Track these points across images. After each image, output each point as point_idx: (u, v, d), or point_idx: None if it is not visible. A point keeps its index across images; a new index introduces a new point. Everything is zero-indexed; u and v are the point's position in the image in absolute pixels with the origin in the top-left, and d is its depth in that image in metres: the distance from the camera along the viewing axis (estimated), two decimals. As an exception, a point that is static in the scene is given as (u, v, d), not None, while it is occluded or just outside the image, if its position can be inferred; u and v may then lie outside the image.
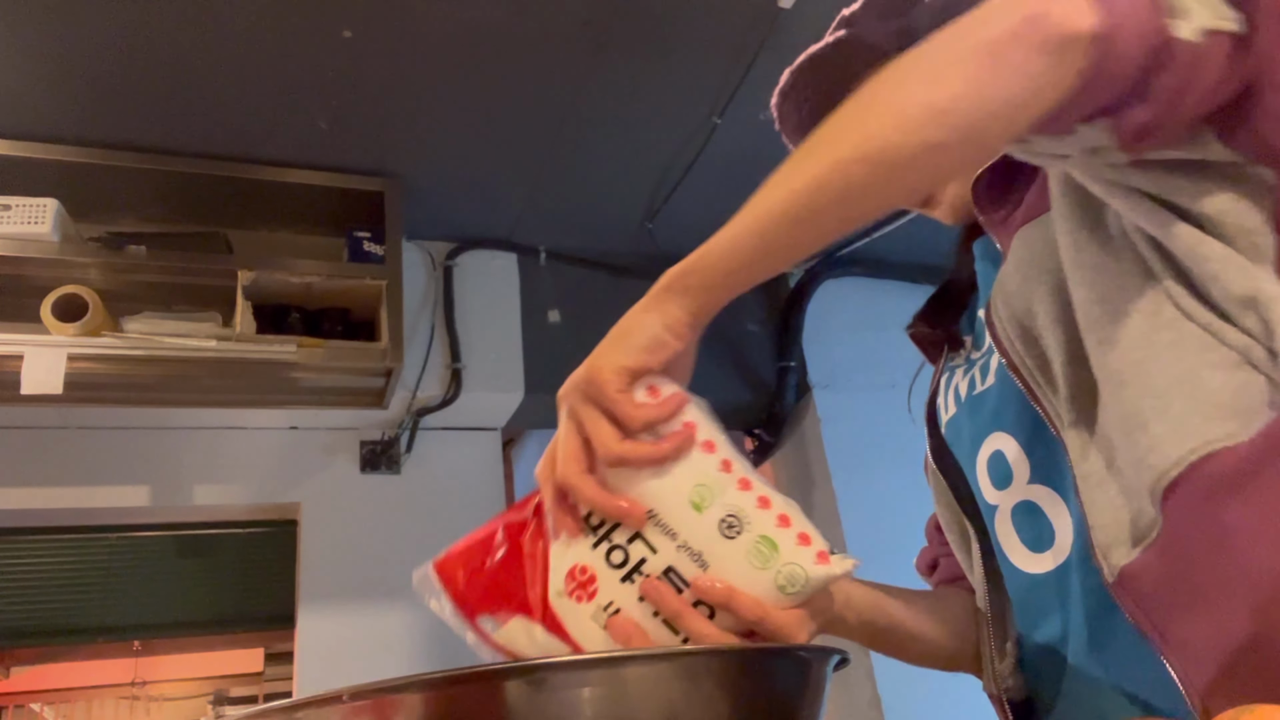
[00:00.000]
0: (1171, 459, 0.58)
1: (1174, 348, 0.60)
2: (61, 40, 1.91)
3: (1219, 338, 0.58)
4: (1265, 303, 0.56)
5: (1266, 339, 0.56)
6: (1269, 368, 0.56)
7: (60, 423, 2.46)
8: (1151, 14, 0.55)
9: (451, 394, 2.65)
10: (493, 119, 2.29)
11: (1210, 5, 0.56)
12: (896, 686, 2.63)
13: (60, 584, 2.54)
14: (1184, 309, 0.60)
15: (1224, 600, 0.56)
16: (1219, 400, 0.57)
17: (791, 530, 0.60)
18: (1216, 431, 0.56)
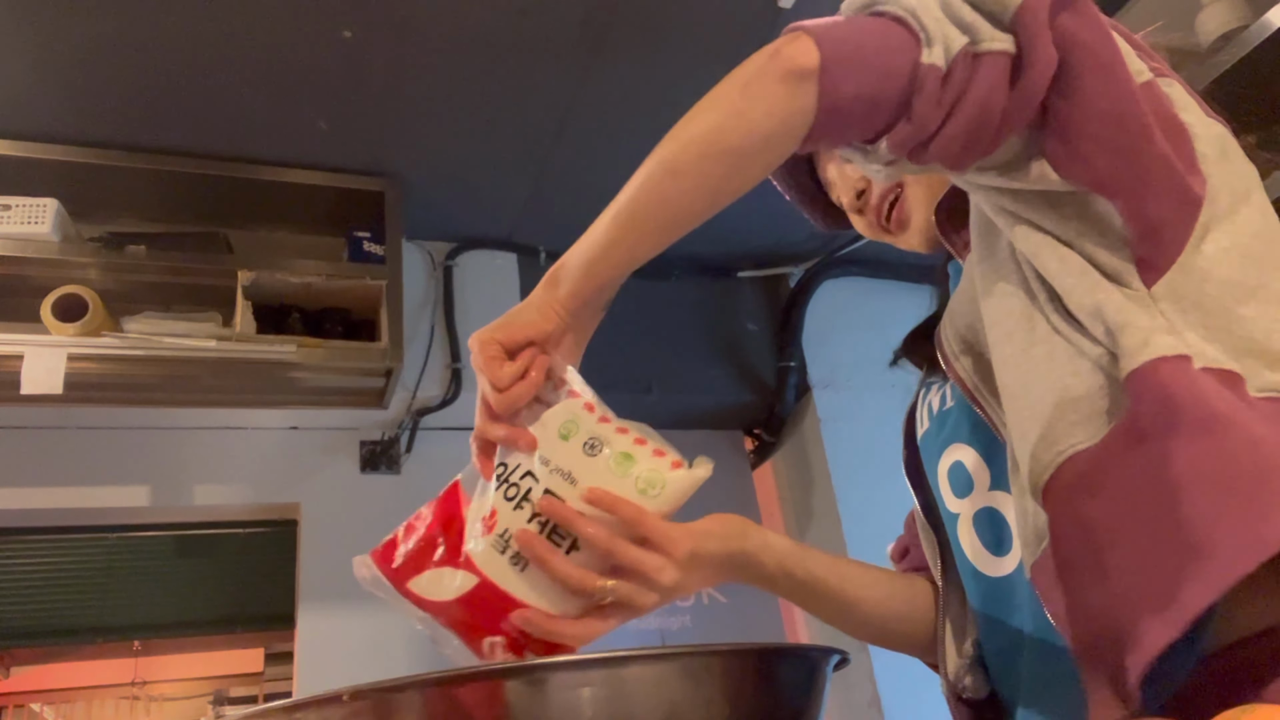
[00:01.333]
0: (1043, 463, 0.63)
1: (1046, 360, 0.65)
2: (61, 40, 1.91)
3: (1079, 349, 0.63)
4: (1106, 311, 0.61)
5: (1111, 345, 0.61)
6: (1115, 372, 0.61)
7: (60, 423, 2.46)
8: (907, 44, 0.62)
9: (451, 394, 2.65)
10: (493, 119, 2.29)
11: (972, 29, 0.62)
12: (896, 686, 2.63)
13: (60, 584, 2.54)
14: (1053, 324, 0.66)
15: (1090, 593, 0.60)
16: (1080, 407, 0.62)
17: (647, 447, 0.70)
18: (1077, 435, 0.61)
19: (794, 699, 0.57)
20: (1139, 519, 0.57)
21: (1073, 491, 0.61)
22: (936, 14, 0.62)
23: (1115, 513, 0.58)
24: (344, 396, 2.48)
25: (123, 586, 2.56)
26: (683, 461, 0.71)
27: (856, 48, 0.62)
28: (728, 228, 2.92)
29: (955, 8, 0.62)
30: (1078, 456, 0.61)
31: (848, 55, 0.62)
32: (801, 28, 0.63)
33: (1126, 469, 0.58)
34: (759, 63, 0.65)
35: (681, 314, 3.03)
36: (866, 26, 0.64)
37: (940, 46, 0.61)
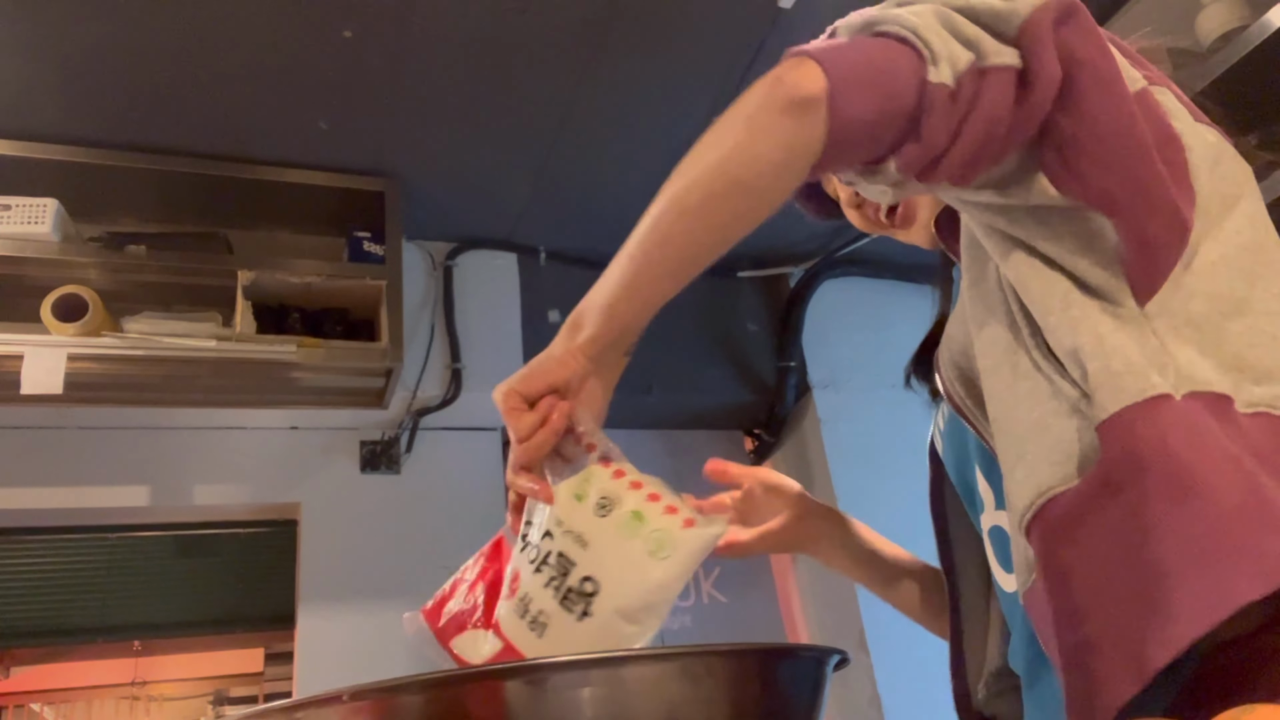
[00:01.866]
0: (1026, 501, 0.63)
1: (1029, 397, 0.65)
2: (61, 40, 1.91)
3: (1057, 388, 0.64)
4: (1085, 358, 0.61)
5: (1086, 389, 0.61)
6: (1091, 417, 0.61)
7: (60, 423, 2.46)
8: (912, 64, 0.61)
9: (451, 394, 2.65)
10: (493, 119, 2.29)
11: (976, 45, 0.61)
12: (896, 686, 2.63)
13: (60, 584, 2.54)
14: (1035, 360, 0.66)
15: (1066, 631, 0.61)
16: (1059, 448, 0.62)
17: (660, 504, 0.68)
18: (1057, 476, 0.62)
19: (794, 699, 0.57)
20: (1108, 571, 0.58)
21: (1053, 534, 0.62)
22: (939, 31, 0.61)
23: (1088, 560, 0.59)
24: (344, 396, 2.48)
25: (123, 586, 2.56)
26: (695, 519, 0.67)
27: (862, 70, 0.61)
28: (728, 228, 2.92)
29: (957, 23, 0.62)
30: (1057, 499, 0.61)
31: (854, 78, 0.61)
32: (804, 52, 0.62)
33: (1099, 518, 0.59)
34: (762, 93, 0.63)
35: (681, 314, 3.03)
36: (869, 47, 0.62)
37: (946, 64, 0.60)
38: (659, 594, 0.64)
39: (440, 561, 2.61)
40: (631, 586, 0.64)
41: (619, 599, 0.64)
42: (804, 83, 0.60)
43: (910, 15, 0.62)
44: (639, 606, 0.64)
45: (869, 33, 0.63)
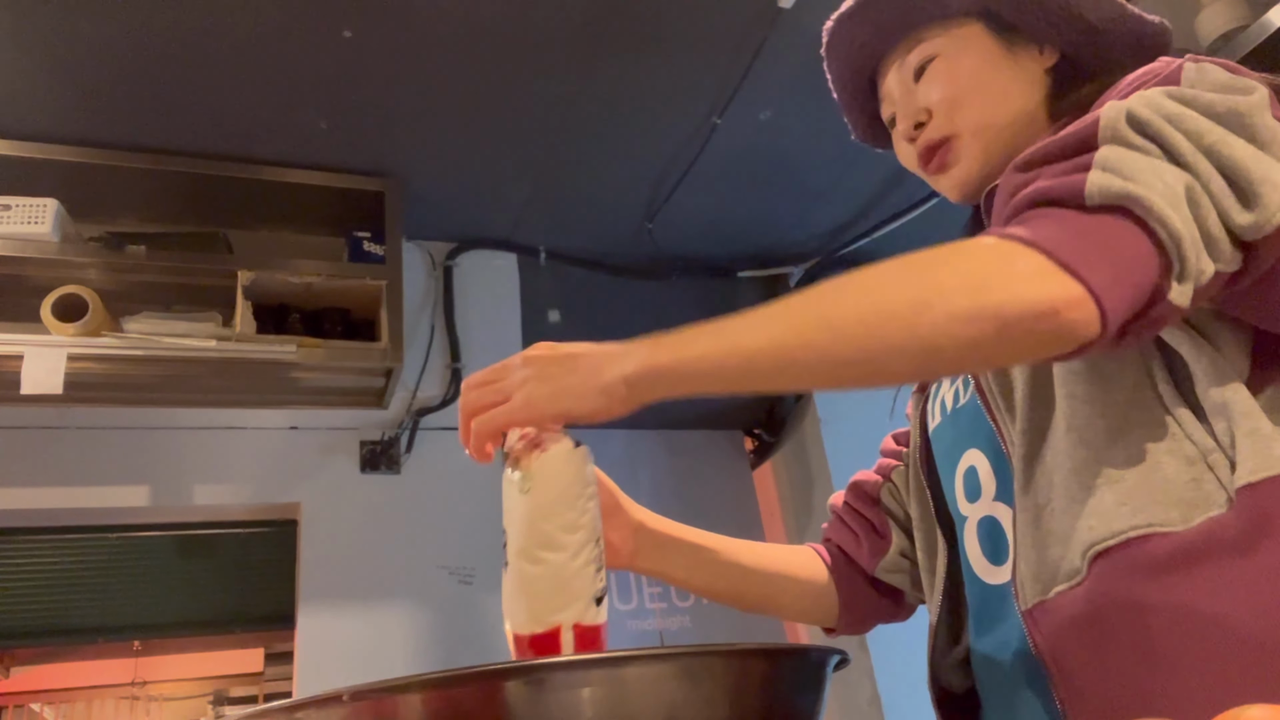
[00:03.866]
0: (1112, 529, 0.63)
1: (1144, 427, 0.65)
2: (61, 40, 1.91)
3: (1188, 434, 0.63)
4: (1235, 416, 0.61)
5: (1230, 449, 0.61)
6: (1224, 473, 0.61)
7: (60, 423, 2.46)
8: (1160, 272, 0.57)
9: (451, 394, 2.65)
10: (493, 119, 2.29)
11: (1216, 248, 0.59)
12: (896, 686, 2.63)
13: (60, 584, 2.54)
14: (1163, 396, 0.65)
15: (1125, 662, 0.61)
16: (1170, 489, 0.62)
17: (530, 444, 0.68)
18: (1160, 516, 0.62)
19: (794, 699, 0.57)
20: (1210, 630, 0.58)
21: (1138, 568, 0.61)
22: (1194, 236, 0.58)
23: (1185, 611, 0.59)
24: (344, 396, 2.48)
25: (123, 586, 2.56)
26: (547, 445, 0.67)
27: (1126, 288, 0.57)
28: (728, 228, 2.92)
29: (1208, 221, 0.58)
30: (1157, 537, 0.61)
31: (1122, 307, 0.57)
32: (1078, 274, 0.55)
33: (1212, 572, 0.59)
34: (1025, 305, 0.55)
35: (681, 314, 3.01)
36: (1128, 249, 0.57)
37: (1191, 283, 0.58)
38: (540, 525, 0.64)
39: (440, 561, 2.63)
40: (515, 526, 0.65)
41: (514, 542, 0.65)
42: (1082, 325, 0.56)
43: (1171, 213, 0.57)
44: (530, 544, 0.64)
45: (1122, 201, 0.58)
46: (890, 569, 0.97)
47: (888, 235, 2.92)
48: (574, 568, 0.64)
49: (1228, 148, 0.59)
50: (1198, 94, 0.63)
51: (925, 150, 0.85)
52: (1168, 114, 0.61)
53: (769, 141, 2.48)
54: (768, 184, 2.70)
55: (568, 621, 0.63)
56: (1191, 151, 0.59)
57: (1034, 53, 0.83)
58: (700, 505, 3.00)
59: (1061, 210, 0.60)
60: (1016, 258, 0.57)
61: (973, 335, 0.56)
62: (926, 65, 0.84)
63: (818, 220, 2.92)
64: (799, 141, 2.50)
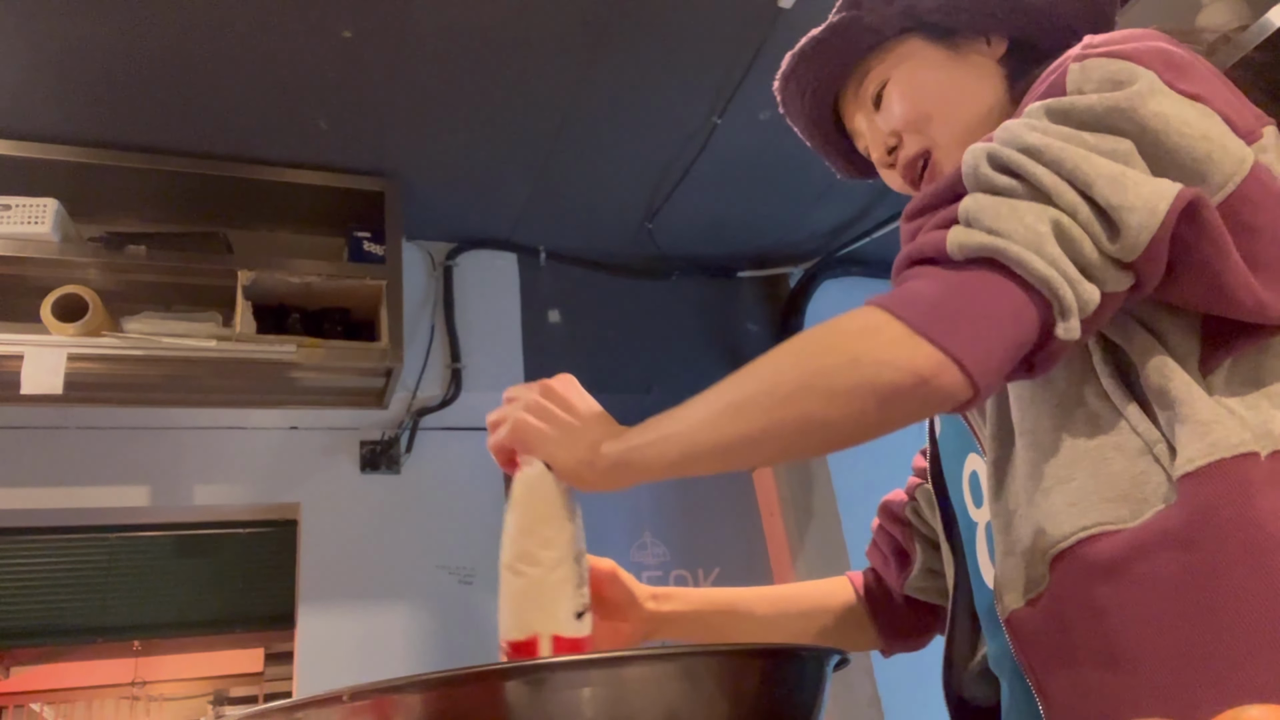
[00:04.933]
0: (1064, 531, 0.62)
1: (1088, 424, 0.64)
2: (61, 40, 1.91)
3: (1132, 426, 0.62)
4: (1175, 403, 0.60)
5: (1171, 437, 0.60)
6: (1168, 464, 0.60)
7: (60, 423, 2.46)
8: (1042, 316, 0.58)
9: (451, 394, 2.65)
10: (493, 119, 2.29)
11: (1098, 276, 0.59)
12: (896, 686, 2.63)
13: (60, 584, 2.53)
14: (1106, 390, 0.64)
15: (1088, 666, 0.61)
16: (1117, 484, 0.61)
17: None
18: (1109, 513, 0.61)
19: (794, 699, 0.57)
20: (1164, 627, 0.57)
21: (1091, 569, 0.61)
22: (1070, 272, 0.58)
23: (1138, 609, 0.58)
24: (344, 396, 2.48)
25: (123, 586, 2.56)
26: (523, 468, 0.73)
27: (993, 344, 0.58)
28: (728, 228, 2.92)
29: (1078, 245, 0.58)
30: (1105, 536, 0.61)
31: (995, 367, 0.58)
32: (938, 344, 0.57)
33: (1159, 568, 0.58)
34: (896, 376, 0.57)
35: (681, 314, 3.03)
36: (996, 306, 0.58)
37: (1075, 317, 0.58)
38: (519, 541, 0.69)
39: (440, 561, 2.63)
40: (503, 539, 0.71)
41: (502, 555, 0.70)
42: (956, 392, 0.57)
43: (1034, 257, 0.57)
44: (511, 558, 0.69)
45: (984, 254, 0.59)
46: (918, 586, 0.97)
47: (888, 235, 2.92)
48: (551, 581, 0.67)
49: (1085, 175, 0.59)
50: (1075, 101, 0.62)
51: (907, 169, 0.85)
52: (1028, 147, 0.60)
53: (769, 141, 2.48)
54: (768, 184, 2.70)
55: (546, 632, 0.66)
56: (1055, 182, 0.59)
57: (981, 46, 0.83)
58: (700, 505, 3.00)
59: (930, 268, 0.60)
60: (884, 332, 0.58)
61: (856, 409, 0.58)
62: (881, 92, 0.85)
63: (818, 220, 2.92)
64: (799, 141, 2.47)
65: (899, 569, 0.98)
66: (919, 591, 0.97)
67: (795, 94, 0.91)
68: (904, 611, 0.99)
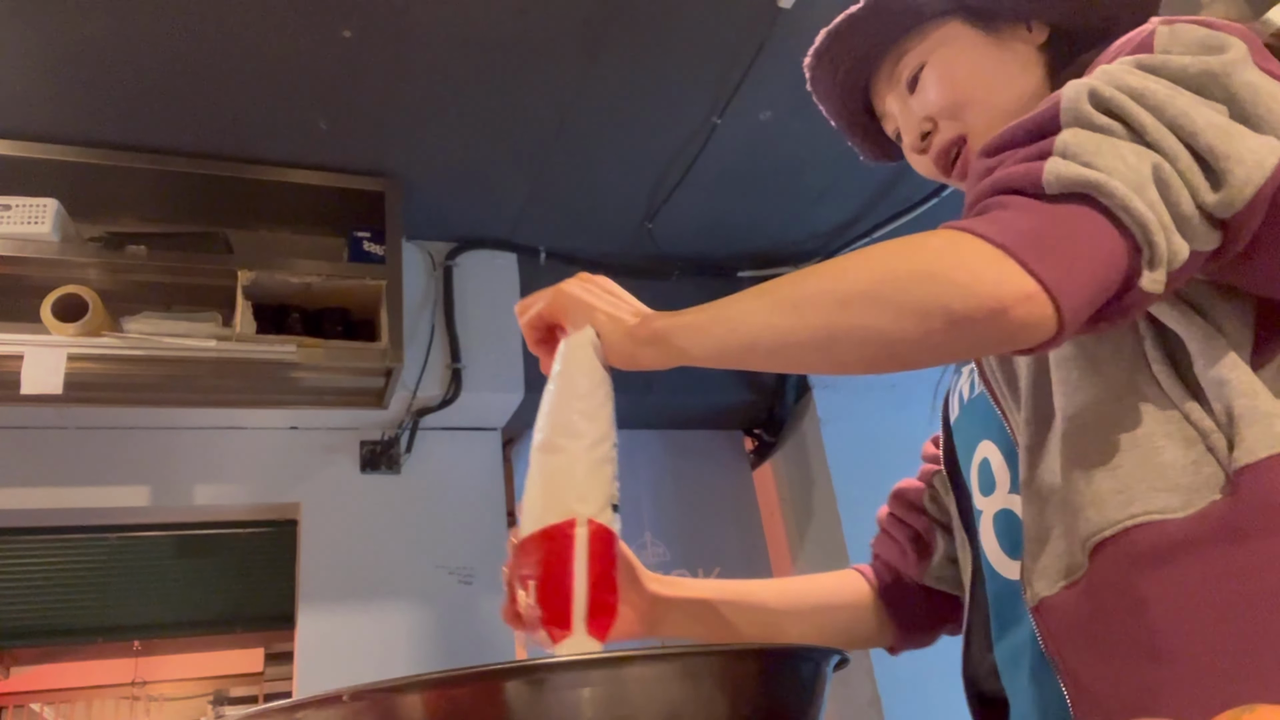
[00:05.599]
0: (1109, 519, 0.61)
1: (1138, 411, 0.63)
2: (61, 40, 1.91)
3: (1186, 416, 0.61)
4: (1233, 393, 0.59)
5: (1229, 428, 0.59)
6: (1224, 455, 0.59)
7: (60, 423, 2.46)
8: (1131, 261, 0.56)
9: (451, 394, 2.65)
10: (493, 119, 2.29)
11: (1189, 229, 0.57)
12: (896, 686, 2.63)
13: (60, 584, 2.54)
14: (1158, 377, 0.63)
15: (1127, 656, 0.59)
16: (1167, 474, 0.60)
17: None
18: (1157, 503, 0.60)
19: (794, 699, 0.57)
20: (1210, 619, 0.56)
21: (1136, 559, 0.60)
22: (1165, 220, 0.56)
23: (1184, 600, 0.57)
24: (344, 396, 2.48)
25: (123, 586, 2.56)
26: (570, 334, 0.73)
27: (1086, 281, 0.55)
28: (728, 228, 2.92)
29: (1175, 194, 0.56)
30: (1154, 525, 0.59)
31: (1083, 305, 0.55)
32: (1031, 269, 0.53)
33: (1210, 560, 0.57)
34: (975, 302, 0.53)
35: (681, 314, 3.02)
36: (1092, 240, 0.55)
37: (1163, 269, 0.56)
38: (561, 410, 0.67)
39: (440, 561, 2.63)
40: (541, 421, 0.68)
41: (538, 438, 0.67)
42: (1038, 331, 0.54)
43: (1135, 197, 0.55)
44: (552, 433, 0.66)
45: (1083, 188, 0.56)
46: (938, 575, 0.95)
47: (888, 235, 2.92)
48: (593, 459, 0.64)
49: (1192, 121, 0.57)
50: (1168, 59, 0.60)
51: (940, 156, 0.83)
52: (1131, 89, 0.58)
53: (769, 141, 2.48)
54: (768, 184, 2.70)
55: (584, 514, 0.62)
56: (1156, 127, 0.57)
57: (1021, 33, 0.81)
58: (700, 505, 3.00)
59: (1020, 198, 0.57)
60: (967, 251, 0.55)
61: (924, 329, 0.55)
62: (917, 75, 0.83)
63: (818, 220, 2.92)
64: (799, 141, 2.50)
65: (918, 558, 0.96)
66: (940, 581, 0.95)
67: (827, 71, 0.89)
68: (921, 603, 0.96)
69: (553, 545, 0.61)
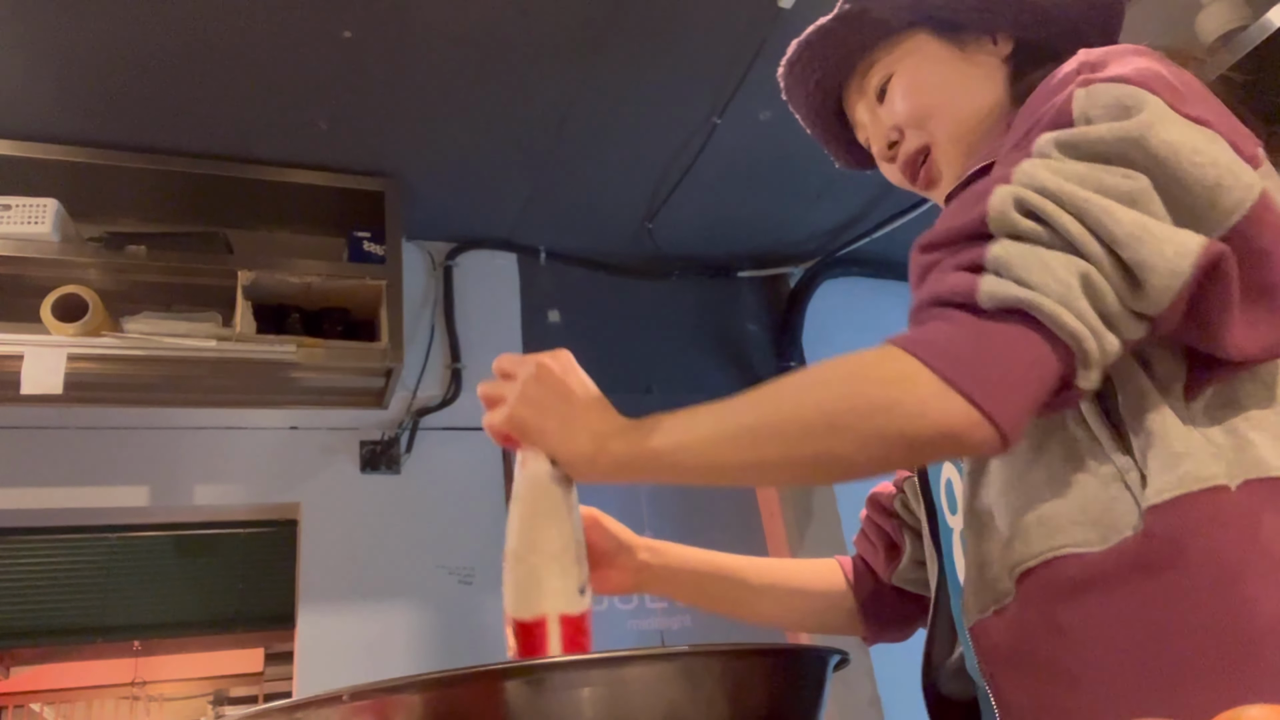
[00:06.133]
0: (1033, 550, 0.64)
1: (1064, 446, 0.65)
2: (61, 40, 1.91)
3: (1105, 451, 0.63)
4: (1152, 433, 0.61)
5: (1143, 466, 0.61)
6: (1139, 492, 0.61)
7: (60, 423, 2.45)
8: (1065, 365, 0.59)
9: (451, 394, 2.65)
10: (493, 119, 2.29)
11: (1118, 325, 0.59)
12: (896, 686, 2.63)
13: (60, 584, 2.53)
14: (1084, 414, 0.65)
15: (1047, 680, 0.62)
16: (1089, 508, 0.62)
17: None
18: (1078, 536, 0.62)
19: (794, 699, 0.57)
20: (1120, 649, 0.59)
21: (1056, 589, 0.62)
22: (1091, 322, 0.58)
23: (1098, 630, 0.60)
24: (344, 396, 2.48)
25: (123, 586, 2.56)
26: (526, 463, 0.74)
27: (1023, 397, 0.58)
28: (728, 228, 2.92)
29: (1102, 297, 0.58)
30: (1073, 558, 0.62)
31: (1022, 418, 0.58)
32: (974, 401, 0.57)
33: (1122, 593, 0.60)
34: (925, 424, 0.58)
35: (681, 314, 3.03)
36: (1027, 360, 0.58)
37: (1097, 369, 0.59)
38: (521, 533, 0.71)
39: (440, 561, 2.63)
40: (509, 525, 0.72)
41: (508, 540, 0.72)
42: (982, 444, 0.58)
43: (1066, 313, 0.57)
44: (518, 545, 0.71)
45: (1016, 306, 0.58)
46: (906, 577, 0.98)
47: (887, 235, 2.92)
48: (555, 567, 0.69)
49: (1109, 230, 0.58)
50: (1085, 133, 0.62)
51: (907, 165, 0.86)
52: (1051, 192, 0.60)
53: (769, 141, 2.48)
54: (768, 184, 2.70)
55: (553, 612, 0.68)
56: (1080, 232, 0.59)
57: (987, 45, 0.83)
58: (700, 505, 3.00)
59: (959, 314, 0.60)
60: (915, 381, 0.58)
61: (883, 454, 0.60)
62: (885, 85, 0.85)
63: (818, 220, 2.92)
64: (799, 141, 2.48)
65: (888, 560, 0.99)
66: (907, 583, 0.98)
67: (799, 81, 0.91)
68: (891, 601, 1.00)
69: (529, 637, 0.68)
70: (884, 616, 1.00)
